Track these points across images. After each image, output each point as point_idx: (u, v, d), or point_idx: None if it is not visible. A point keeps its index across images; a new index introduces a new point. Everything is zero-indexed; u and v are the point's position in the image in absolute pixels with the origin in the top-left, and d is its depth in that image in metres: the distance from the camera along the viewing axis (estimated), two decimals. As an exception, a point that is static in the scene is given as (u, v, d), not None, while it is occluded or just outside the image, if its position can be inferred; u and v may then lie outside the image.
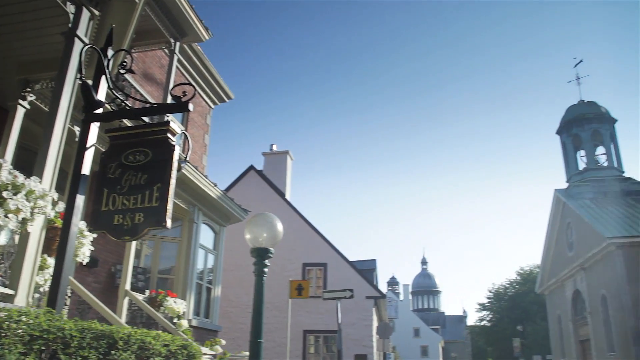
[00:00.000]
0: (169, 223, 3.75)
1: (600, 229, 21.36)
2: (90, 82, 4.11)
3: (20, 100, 5.37)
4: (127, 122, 5.99)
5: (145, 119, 4.32)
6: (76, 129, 5.81)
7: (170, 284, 10.22)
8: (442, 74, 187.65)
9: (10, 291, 3.66)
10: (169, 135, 3.99)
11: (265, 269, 5.27)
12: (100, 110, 4.12)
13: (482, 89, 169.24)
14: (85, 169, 3.92)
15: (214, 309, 11.28)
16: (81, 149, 3.96)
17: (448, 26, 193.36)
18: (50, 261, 4.19)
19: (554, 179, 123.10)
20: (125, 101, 4.32)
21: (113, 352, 3.48)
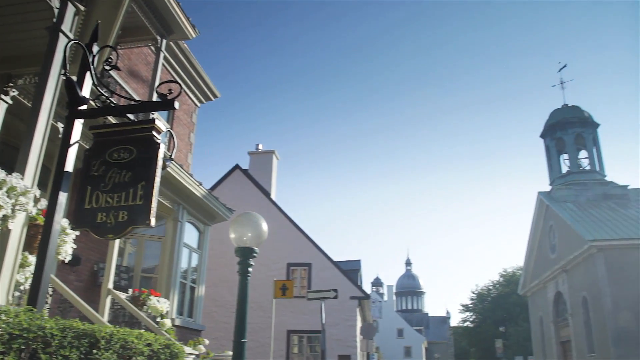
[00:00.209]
0: (153, 221, 3.71)
1: (582, 232, 21.65)
2: (74, 78, 4.05)
3: (2, 95, 5.28)
4: (112, 119, 5.94)
5: (131, 116, 4.28)
6: (60, 126, 5.73)
7: (154, 282, 10.15)
8: (426, 78, 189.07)
9: (-10, 289, 3.60)
10: (154, 133, 3.95)
11: (250, 269, 5.25)
12: (84, 107, 4.07)
13: (467, 91, 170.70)
14: (69, 166, 3.87)
15: (198, 308, 11.23)
16: (64, 145, 3.91)
17: (433, 30, 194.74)
18: (32, 259, 4.14)
19: (538, 182, 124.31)
20: (110, 98, 4.27)
21: (95, 352, 3.44)
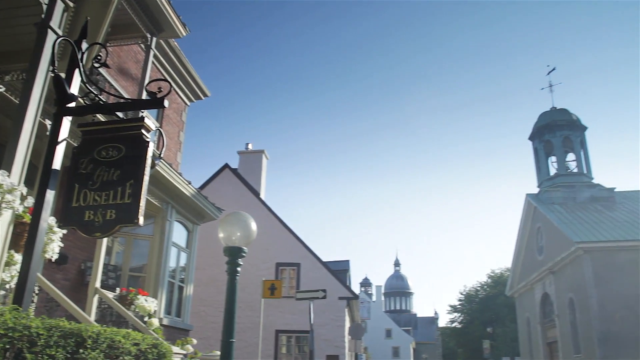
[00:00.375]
0: (141, 220, 3.69)
1: (569, 234, 21.84)
2: (63, 75, 4.02)
3: (-11, 92, 5.24)
4: (101, 117, 5.89)
5: (120, 114, 4.25)
6: (47, 123, 5.68)
7: (142, 282, 10.09)
8: (414, 80, 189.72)
9: (-25, 287, 3.56)
10: (143, 131, 3.93)
11: (238, 268, 5.24)
12: (73, 104, 4.03)
13: (456, 93, 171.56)
14: (56, 164, 3.84)
15: (186, 307, 11.18)
16: (52, 143, 3.88)
17: (422, 33, 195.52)
18: (18, 257, 4.10)
19: (526, 184, 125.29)
20: (99, 95, 4.24)
21: (81, 351, 3.41)
